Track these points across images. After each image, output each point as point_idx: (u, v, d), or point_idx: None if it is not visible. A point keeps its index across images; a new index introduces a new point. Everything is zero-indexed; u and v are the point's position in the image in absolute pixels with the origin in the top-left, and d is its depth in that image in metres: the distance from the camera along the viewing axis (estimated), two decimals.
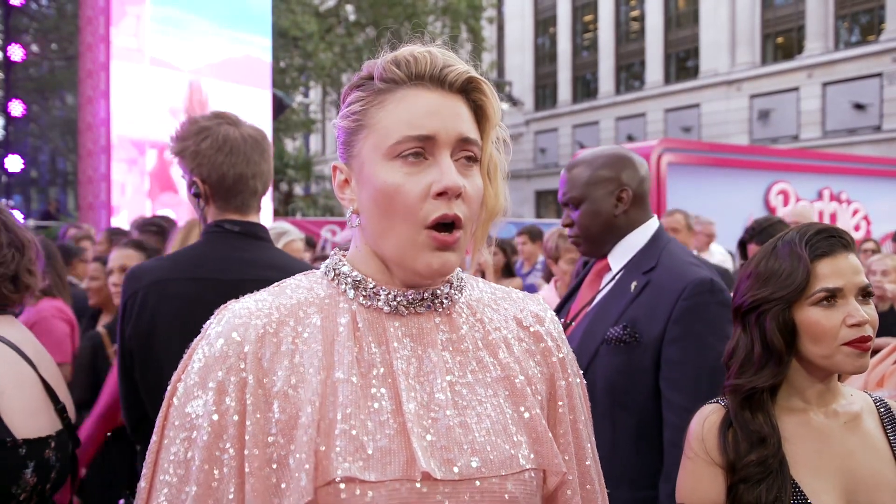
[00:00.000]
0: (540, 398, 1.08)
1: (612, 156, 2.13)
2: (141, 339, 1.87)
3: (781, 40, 25.80)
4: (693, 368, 1.83)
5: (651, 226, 2.14)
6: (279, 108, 12.83)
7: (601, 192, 2.10)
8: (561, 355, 1.14)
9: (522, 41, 34.04)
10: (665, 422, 1.86)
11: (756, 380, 1.43)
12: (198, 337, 1.04)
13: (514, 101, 22.97)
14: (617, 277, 2.09)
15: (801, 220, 5.20)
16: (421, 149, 0.99)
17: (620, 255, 2.11)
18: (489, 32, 29.96)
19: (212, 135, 1.95)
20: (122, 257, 3.07)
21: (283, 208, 22.41)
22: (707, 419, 1.48)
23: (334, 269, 1.09)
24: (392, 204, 0.99)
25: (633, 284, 2.01)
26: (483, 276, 4.70)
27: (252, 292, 1.07)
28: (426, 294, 1.06)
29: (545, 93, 34.23)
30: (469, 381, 1.03)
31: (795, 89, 24.26)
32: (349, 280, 1.06)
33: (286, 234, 3.47)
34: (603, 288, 2.13)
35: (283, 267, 1.91)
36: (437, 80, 1.02)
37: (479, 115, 1.05)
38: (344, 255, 1.12)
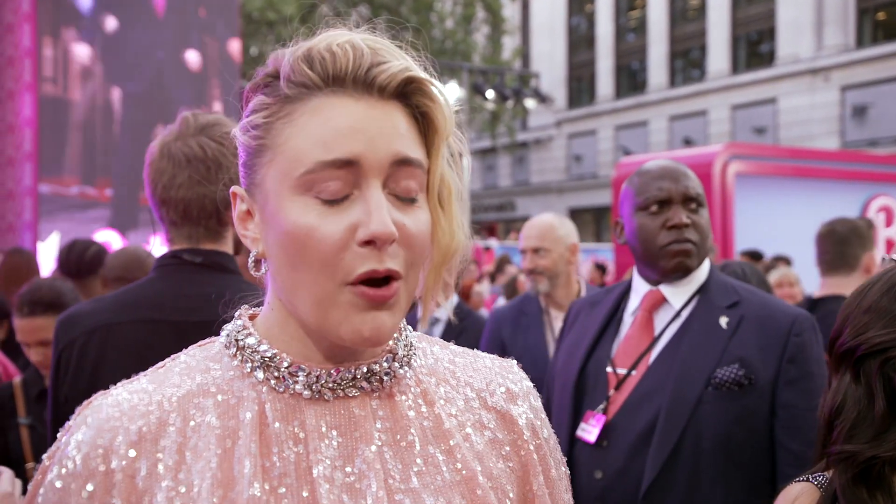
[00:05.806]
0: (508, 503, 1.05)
1: None
2: (80, 400, 1.82)
3: (883, 16, 25.74)
4: (813, 415, 1.87)
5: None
6: None
7: (707, 207, 2.37)
8: (538, 441, 1.11)
9: (553, 22, 34.30)
10: (784, 477, 1.95)
11: (878, 447, 1.37)
12: (51, 448, 1.00)
13: (542, 98, 23.08)
14: (686, 315, 2.27)
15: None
16: (342, 179, 0.93)
17: (683, 289, 2.31)
18: (511, 11, 30.23)
19: (160, 145, 1.96)
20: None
21: None
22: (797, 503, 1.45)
23: (237, 342, 1.03)
24: (303, 253, 0.93)
25: (724, 321, 2.19)
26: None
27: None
28: (358, 372, 1.01)
29: (581, 86, 34.36)
30: (414, 486, 0.99)
31: None
32: (256, 357, 1.01)
33: None
34: (668, 327, 2.28)
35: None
36: (363, 83, 0.95)
37: (426, 125, 0.99)
38: (253, 317, 1.07)
